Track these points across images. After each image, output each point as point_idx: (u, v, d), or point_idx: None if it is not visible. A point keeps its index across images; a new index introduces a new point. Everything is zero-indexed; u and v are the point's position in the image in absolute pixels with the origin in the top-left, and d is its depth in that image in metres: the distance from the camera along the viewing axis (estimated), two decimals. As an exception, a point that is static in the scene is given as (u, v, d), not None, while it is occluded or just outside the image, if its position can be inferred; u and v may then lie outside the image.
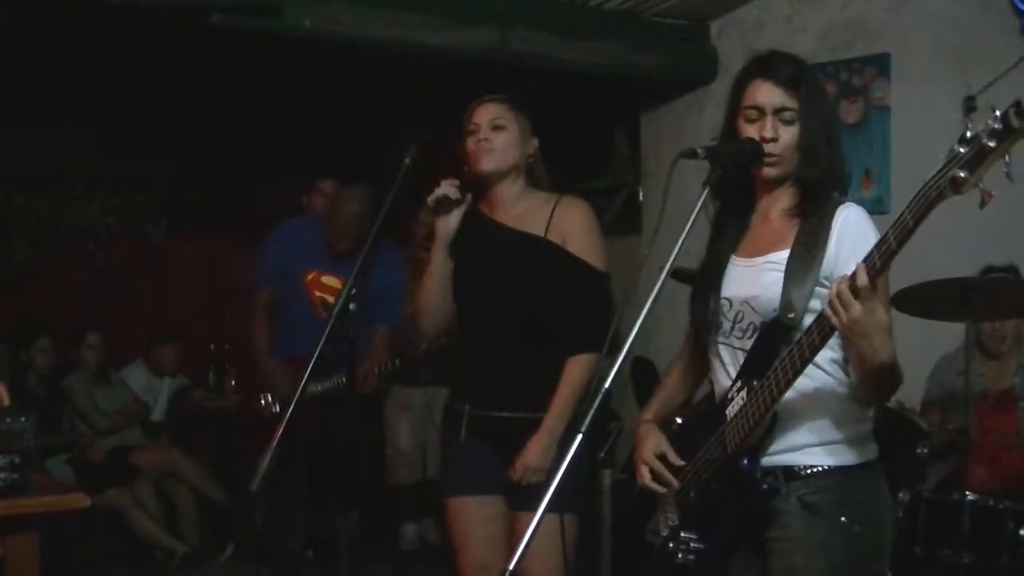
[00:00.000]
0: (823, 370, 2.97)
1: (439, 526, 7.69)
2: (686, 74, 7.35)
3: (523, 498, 3.78)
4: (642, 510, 3.38)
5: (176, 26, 5.89)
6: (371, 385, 5.61)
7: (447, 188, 3.89)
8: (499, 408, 3.91)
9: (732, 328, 3.08)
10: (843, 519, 2.93)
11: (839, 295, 2.62)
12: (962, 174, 2.38)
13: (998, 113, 2.33)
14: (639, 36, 6.97)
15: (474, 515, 3.97)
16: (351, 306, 3.31)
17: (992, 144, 2.34)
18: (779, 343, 2.88)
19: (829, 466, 2.97)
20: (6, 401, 4.22)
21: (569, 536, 3.81)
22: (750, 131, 3.01)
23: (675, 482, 3.18)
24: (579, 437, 2.54)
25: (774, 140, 2.98)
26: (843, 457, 2.98)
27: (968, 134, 2.38)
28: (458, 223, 3.95)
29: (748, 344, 3.02)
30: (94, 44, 6.84)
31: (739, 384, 3.00)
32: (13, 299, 7.95)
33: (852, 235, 2.89)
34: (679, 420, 5.13)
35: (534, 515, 3.49)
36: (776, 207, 3.07)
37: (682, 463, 3.18)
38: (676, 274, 4.91)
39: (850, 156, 6.37)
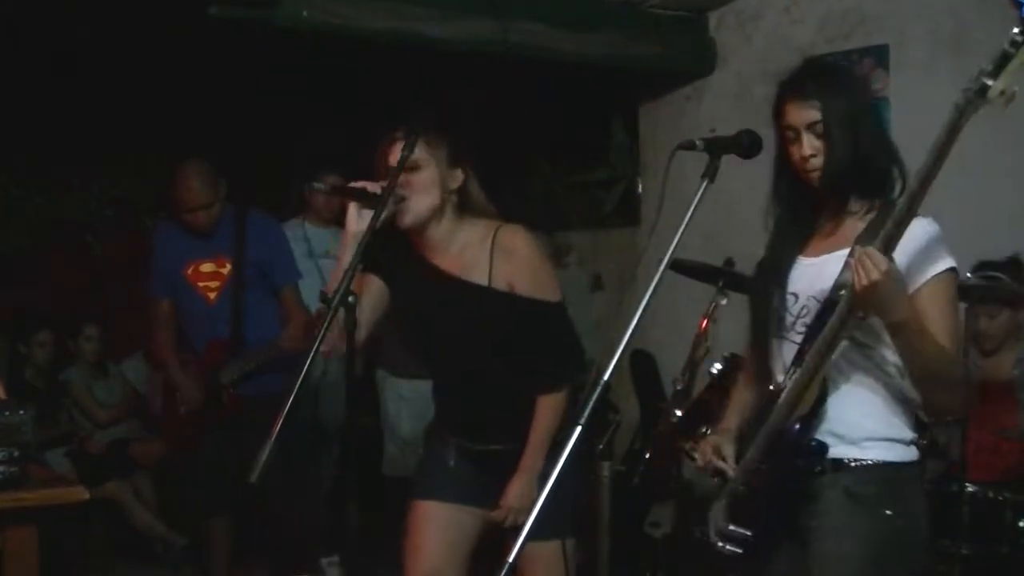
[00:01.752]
0: (883, 370, 3.01)
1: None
2: (685, 65, 7.34)
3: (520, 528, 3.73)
4: (640, 502, 3.39)
5: (174, 17, 5.88)
6: (299, 343, 5.44)
7: (369, 184, 3.58)
8: (486, 442, 3.85)
9: (795, 323, 3.11)
10: (887, 512, 2.98)
11: (867, 254, 2.69)
12: (988, 81, 2.57)
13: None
14: (638, 27, 6.96)
15: (439, 519, 3.88)
16: (350, 298, 3.29)
17: (1012, 49, 2.59)
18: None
19: (877, 461, 3.02)
20: (1, 394, 4.22)
21: (570, 561, 3.81)
22: (793, 152, 3.08)
23: (727, 468, 3.23)
24: (578, 429, 2.54)
25: (813, 156, 3.03)
26: (891, 453, 3.03)
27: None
28: (367, 227, 3.45)
29: None
30: (92, 35, 6.83)
31: (792, 371, 3.05)
32: (10, 291, 7.94)
33: (913, 246, 2.90)
34: (678, 413, 5.15)
35: (539, 543, 3.59)
36: (846, 209, 3.10)
37: (733, 467, 3.22)
38: (675, 266, 4.93)
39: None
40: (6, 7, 5.84)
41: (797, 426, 2.99)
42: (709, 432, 3.50)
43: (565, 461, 2.51)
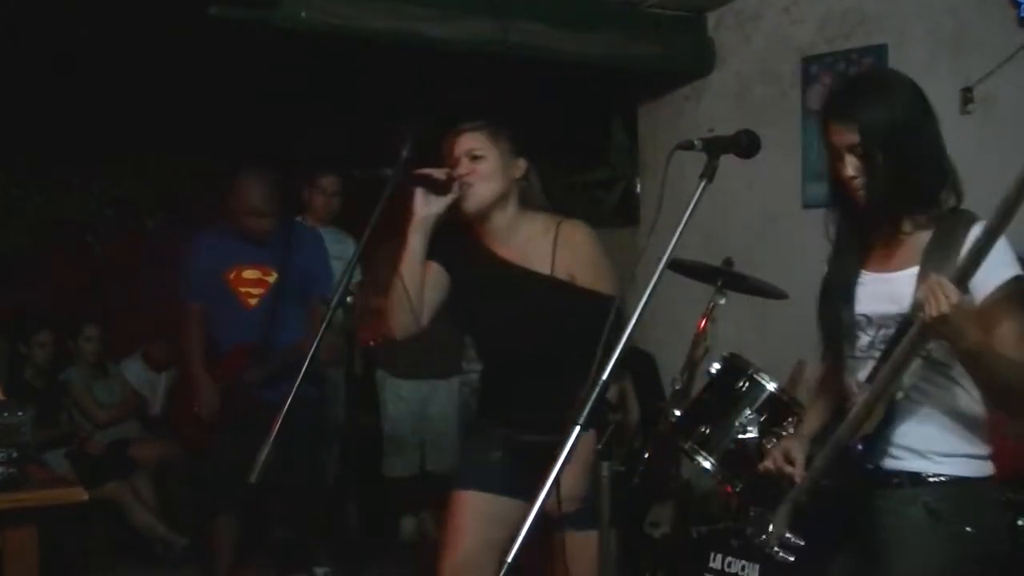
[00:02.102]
0: (959, 384, 3.00)
1: (438, 519, 7.70)
2: (684, 65, 7.34)
3: (569, 519, 3.69)
4: (640, 502, 3.40)
5: (174, 18, 5.88)
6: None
7: (435, 171, 3.73)
8: (534, 433, 3.76)
9: (872, 342, 3.09)
10: (968, 528, 2.96)
11: (939, 284, 2.67)
12: None
13: None
14: (637, 27, 6.96)
15: (482, 511, 3.89)
16: (348, 299, 3.30)
17: None
18: None
19: (955, 476, 3.00)
20: (0, 395, 4.22)
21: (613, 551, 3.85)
22: (839, 170, 3.06)
23: (793, 473, 3.22)
24: (576, 428, 2.54)
25: (855, 177, 3.02)
26: (968, 468, 3.02)
27: None
28: (440, 212, 3.73)
29: None
30: (92, 35, 6.82)
31: (864, 387, 3.04)
32: (10, 291, 7.94)
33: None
34: (677, 413, 5.14)
35: (584, 534, 3.60)
36: (904, 223, 3.07)
37: (802, 474, 3.21)
38: (674, 266, 4.93)
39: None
40: (6, 7, 5.84)
41: (860, 446, 2.99)
42: (784, 434, 3.48)
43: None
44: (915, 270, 2.97)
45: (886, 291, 3.05)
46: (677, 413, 5.15)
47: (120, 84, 7.67)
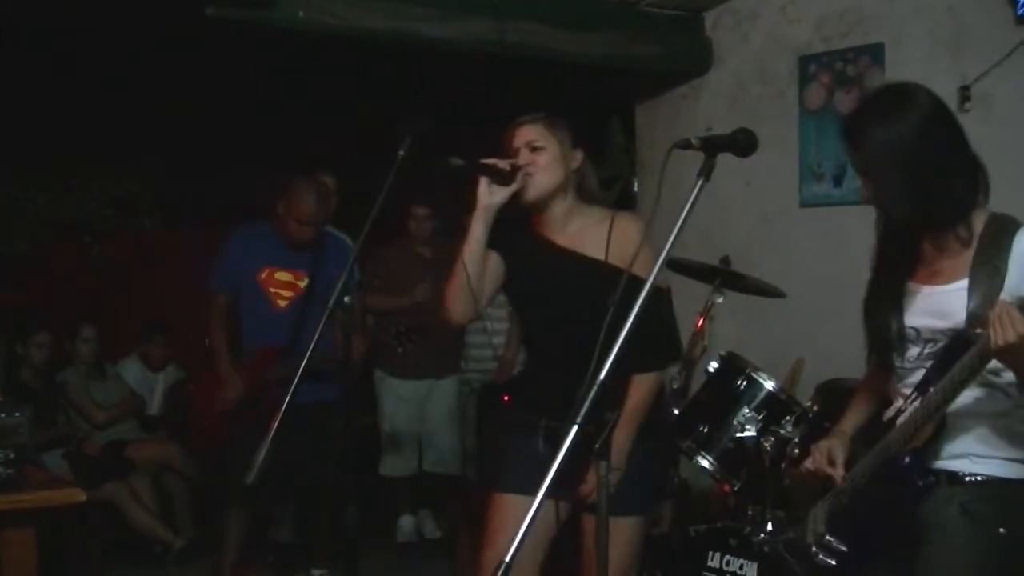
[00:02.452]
0: (1005, 392, 3.00)
1: (435, 518, 7.70)
2: (681, 65, 7.34)
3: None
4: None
5: (172, 18, 5.88)
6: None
7: (500, 161, 3.82)
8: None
9: (921, 353, 3.10)
10: (1002, 530, 2.97)
11: (1007, 312, 2.66)
12: None
13: None
14: (634, 27, 6.96)
15: (518, 512, 3.92)
16: (346, 299, 3.30)
17: None
18: (961, 356, 2.87)
19: (994, 476, 3.01)
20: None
21: (639, 538, 3.94)
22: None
23: (836, 475, 3.23)
24: (574, 428, 2.54)
25: (870, 198, 3.07)
26: (1008, 470, 3.02)
27: None
28: (502, 201, 3.82)
29: None
30: (91, 36, 6.83)
31: (914, 396, 3.04)
32: (8, 291, 7.94)
33: None
34: (676, 412, 5.14)
35: (619, 519, 3.63)
36: (946, 234, 3.06)
37: (842, 474, 3.22)
38: (671, 265, 4.93)
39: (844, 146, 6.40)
40: (6, 7, 5.84)
41: (908, 459, 3.00)
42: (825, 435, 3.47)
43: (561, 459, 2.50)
44: (963, 283, 2.97)
45: (935, 306, 3.06)
46: (675, 412, 5.15)
47: (119, 85, 7.68)
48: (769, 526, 4.73)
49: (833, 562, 3.15)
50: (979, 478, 3.00)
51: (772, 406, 4.87)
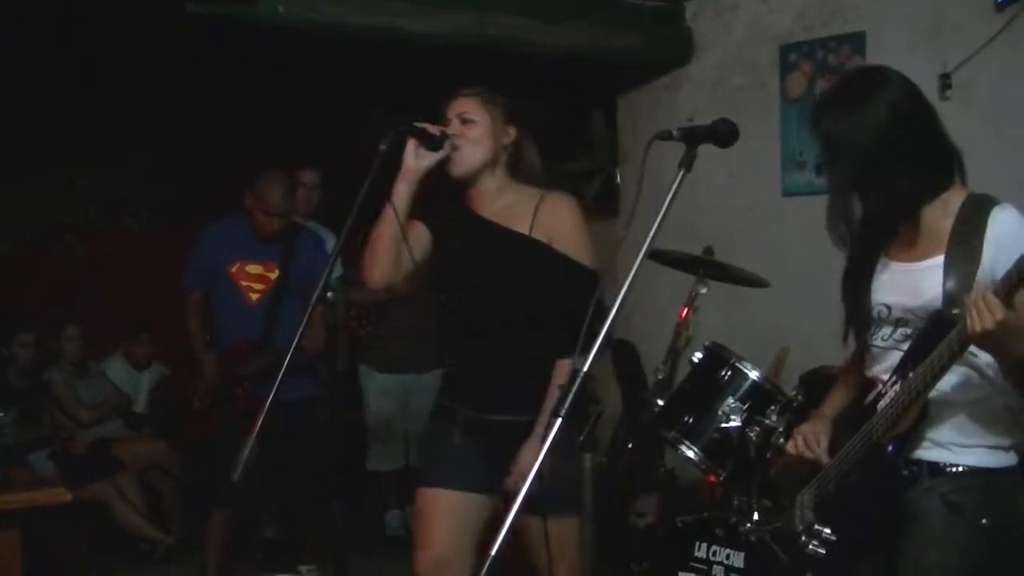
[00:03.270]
0: (982, 373, 2.98)
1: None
2: (663, 55, 7.34)
3: (543, 505, 3.60)
4: (624, 493, 3.39)
5: (153, 15, 5.87)
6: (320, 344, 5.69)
7: (430, 126, 3.79)
8: (497, 412, 3.85)
9: (893, 332, 3.10)
10: (983, 521, 2.95)
11: (984, 298, 2.64)
12: None
13: None
14: (615, 18, 6.96)
15: (447, 507, 3.90)
16: (329, 294, 3.30)
17: None
18: (940, 338, 2.85)
19: (975, 467, 2.99)
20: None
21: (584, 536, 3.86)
22: None
23: (820, 456, 3.22)
24: (558, 421, 2.54)
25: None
26: (990, 459, 3.00)
27: None
28: (428, 166, 3.79)
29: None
30: (75, 35, 6.81)
31: (893, 379, 3.03)
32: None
33: (1009, 243, 2.86)
34: (660, 402, 5.14)
35: (559, 520, 3.67)
36: (923, 213, 3.05)
37: (826, 457, 3.21)
38: (654, 256, 4.93)
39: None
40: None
41: (891, 447, 2.99)
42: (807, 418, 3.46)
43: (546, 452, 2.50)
44: (937, 260, 2.97)
45: (908, 282, 3.05)
46: (660, 403, 5.15)
47: (102, 84, 7.66)
48: (755, 516, 4.73)
49: (823, 551, 3.14)
50: (960, 469, 2.98)
51: (757, 396, 4.87)
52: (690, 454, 4.89)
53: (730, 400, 4.86)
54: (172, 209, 8.93)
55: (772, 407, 4.77)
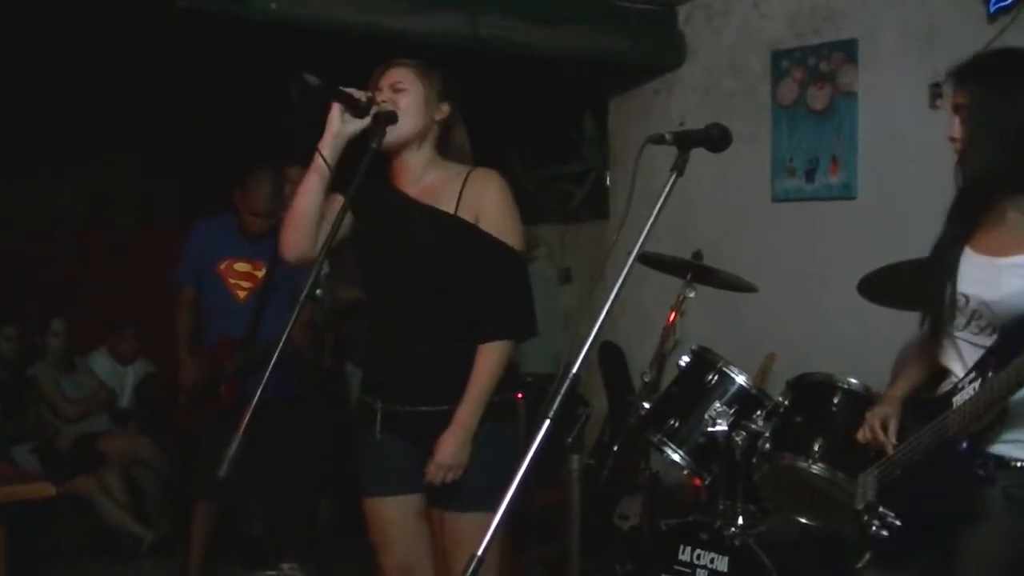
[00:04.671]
0: None
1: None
2: (654, 59, 7.34)
3: (446, 497, 3.66)
4: (609, 495, 3.37)
5: (143, 11, 5.85)
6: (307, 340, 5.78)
7: (357, 92, 3.67)
8: (415, 402, 3.69)
9: (968, 323, 3.11)
10: None
11: None
12: None
13: None
14: (607, 21, 6.96)
15: (392, 516, 3.80)
16: (317, 291, 3.29)
17: None
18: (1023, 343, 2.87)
19: None
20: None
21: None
22: (949, 130, 3.12)
23: (887, 444, 3.24)
24: (547, 422, 2.53)
25: (954, 139, 3.08)
26: None
27: None
28: (353, 133, 3.63)
29: (987, 341, 3.05)
30: (61, 30, 6.79)
31: (972, 375, 3.04)
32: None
33: None
34: (647, 405, 5.15)
35: (461, 515, 3.61)
36: (1011, 205, 3.07)
37: (895, 443, 3.23)
38: (643, 259, 4.93)
39: (816, 142, 6.43)
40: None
41: (965, 444, 3.00)
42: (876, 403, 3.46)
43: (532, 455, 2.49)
44: (1020, 258, 2.99)
45: (987, 276, 3.06)
46: (646, 406, 5.16)
47: (89, 80, 7.64)
48: (740, 520, 4.74)
49: (885, 533, 3.15)
50: (1022, 464, 3.01)
51: (743, 401, 4.88)
52: (676, 457, 4.90)
53: (717, 404, 4.86)
54: (159, 205, 8.91)
55: (759, 412, 4.78)
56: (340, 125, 3.65)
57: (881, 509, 3.18)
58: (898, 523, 3.14)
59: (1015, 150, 3.00)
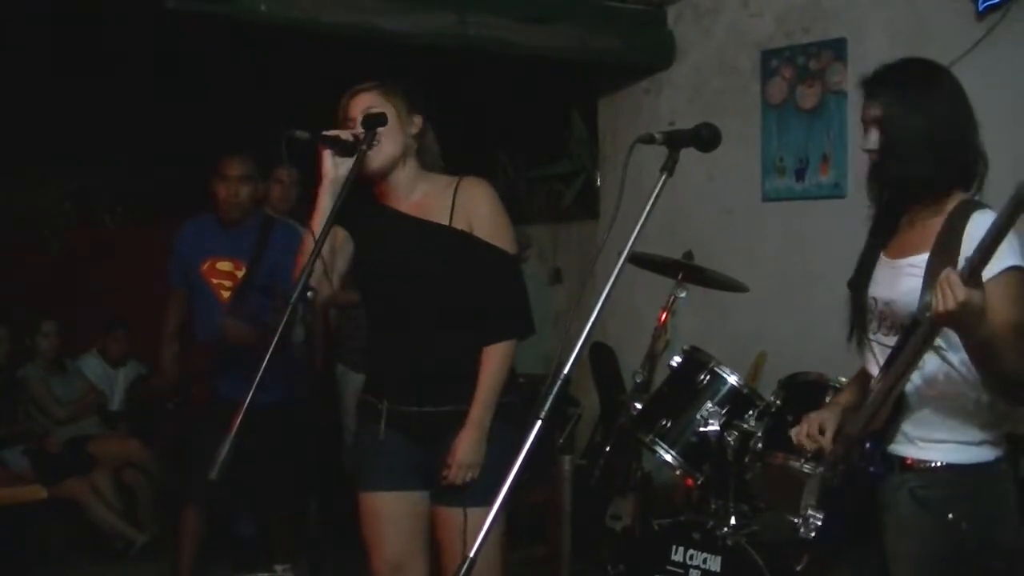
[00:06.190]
0: (955, 369, 3.02)
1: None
2: (644, 58, 7.35)
3: (449, 494, 3.76)
4: (601, 496, 3.38)
5: (132, 11, 5.85)
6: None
7: (342, 132, 3.73)
8: (420, 403, 3.80)
9: (879, 326, 3.17)
10: (950, 516, 2.99)
11: (948, 279, 2.69)
12: None
13: None
14: (597, 20, 6.97)
15: (391, 511, 3.87)
16: (309, 293, 3.29)
17: None
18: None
19: (943, 463, 3.05)
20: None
21: (500, 530, 3.78)
22: (862, 143, 3.17)
23: (824, 445, 3.24)
24: (538, 423, 2.53)
25: (871, 150, 3.13)
26: (959, 455, 3.05)
27: None
28: (348, 173, 3.64)
29: (893, 341, 3.08)
30: (50, 29, 6.78)
31: (879, 377, 3.08)
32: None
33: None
34: (638, 406, 5.14)
35: (459, 511, 3.68)
36: (921, 208, 3.13)
37: (830, 445, 3.24)
38: (634, 259, 4.93)
39: (806, 141, 6.44)
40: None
41: (868, 443, 3.05)
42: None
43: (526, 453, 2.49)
44: (918, 259, 3.03)
45: (888, 277, 3.14)
46: (638, 406, 5.16)
47: (78, 79, 7.62)
48: (733, 520, 4.75)
49: (812, 535, 3.17)
50: (929, 464, 3.05)
51: (735, 400, 4.89)
52: (668, 457, 4.90)
53: (708, 404, 4.87)
54: (147, 205, 8.90)
55: (750, 412, 4.79)
56: (335, 170, 3.71)
57: (808, 512, 3.21)
58: (821, 523, 3.17)
59: (932, 156, 3.05)
